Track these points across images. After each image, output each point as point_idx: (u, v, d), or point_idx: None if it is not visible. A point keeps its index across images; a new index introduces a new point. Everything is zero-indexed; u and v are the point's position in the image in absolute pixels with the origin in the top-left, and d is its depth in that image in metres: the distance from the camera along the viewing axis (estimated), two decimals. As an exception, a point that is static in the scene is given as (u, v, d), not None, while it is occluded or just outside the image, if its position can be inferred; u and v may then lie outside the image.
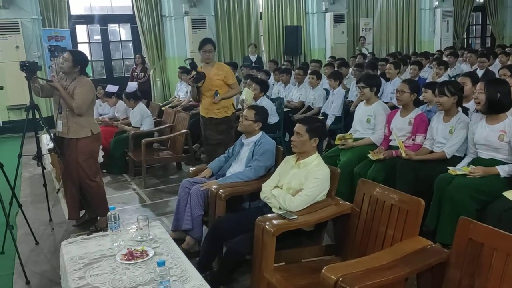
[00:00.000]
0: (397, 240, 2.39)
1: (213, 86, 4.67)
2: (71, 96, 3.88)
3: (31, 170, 6.23)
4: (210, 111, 4.74)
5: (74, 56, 3.95)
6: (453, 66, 7.92)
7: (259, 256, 2.67)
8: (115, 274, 2.25)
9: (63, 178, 4.29)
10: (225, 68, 4.84)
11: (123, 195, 5.25)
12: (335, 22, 12.17)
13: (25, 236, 4.02)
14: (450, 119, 3.64)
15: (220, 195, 3.28)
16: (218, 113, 4.74)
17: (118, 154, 6.04)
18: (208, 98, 4.72)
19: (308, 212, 2.82)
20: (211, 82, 4.66)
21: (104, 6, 10.71)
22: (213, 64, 4.76)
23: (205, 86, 4.68)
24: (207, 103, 4.74)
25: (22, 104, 8.10)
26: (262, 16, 11.92)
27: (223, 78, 4.70)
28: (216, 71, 4.70)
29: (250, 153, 3.62)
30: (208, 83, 4.66)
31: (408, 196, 2.45)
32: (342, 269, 2.08)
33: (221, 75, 4.70)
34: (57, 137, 4.04)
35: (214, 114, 4.72)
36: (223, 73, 4.71)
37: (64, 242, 2.68)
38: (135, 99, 6.26)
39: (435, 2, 13.52)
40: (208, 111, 4.76)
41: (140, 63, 9.73)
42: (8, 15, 8.96)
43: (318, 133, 3.05)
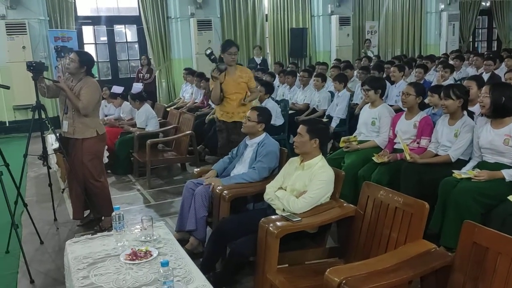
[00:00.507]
0: (401, 243, 2.39)
1: (238, 89, 4.61)
2: (77, 97, 3.90)
3: (37, 170, 6.27)
4: (235, 115, 4.60)
5: (80, 57, 3.97)
6: (459, 70, 7.91)
7: (262, 257, 2.67)
8: (119, 274, 2.25)
9: (68, 178, 4.32)
10: (248, 71, 4.80)
11: (127, 195, 5.27)
12: (341, 25, 12.16)
13: (30, 235, 4.04)
14: (455, 123, 3.63)
15: (224, 196, 3.28)
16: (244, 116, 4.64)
17: (123, 155, 6.06)
18: (233, 101, 4.59)
19: (312, 214, 2.82)
20: (236, 85, 4.59)
21: (110, 7, 10.76)
22: (235, 66, 4.69)
23: (229, 89, 4.56)
24: (231, 107, 4.61)
25: (28, 104, 8.15)
26: (268, 18, 11.94)
27: (247, 81, 4.66)
28: (239, 73, 4.64)
29: (253, 154, 3.63)
30: (234, 86, 4.58)
31: (412, 199, 2.44)
32: (345, 271, 2.08)
33: (245, 77, 4.65)
34: (63, 137, 4.06)
35: (239, 118, 4.45)
36: (246, 76, 4.67)
37: (68, 241, 2.70)
38: (141, 100, 6.29)
39: (441, 6, 13.49)
40: (233, 115, 4.62)
41: (146, 64, 9.77)
42: (15, 15, 9.02)
43: (319, 134, 3.05)
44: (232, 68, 4.62)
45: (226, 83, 4.56)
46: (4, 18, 8.91)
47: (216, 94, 4.59)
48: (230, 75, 4.56)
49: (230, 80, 4.55)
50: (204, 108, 7.64)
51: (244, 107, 4.54)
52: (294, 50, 11.96)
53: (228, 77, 4.55)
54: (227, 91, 4.57)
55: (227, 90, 4.57)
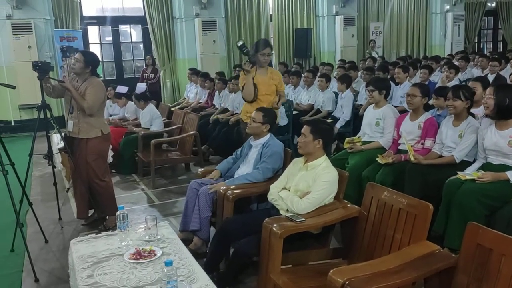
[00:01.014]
0: (404, 244, 2.38)
1: (269, 91, 4.42)
2: (82, 97, 3.92)
3: (42, 169, 6.30)
4: None
5: (85, 57, 3.99)
6: (464, 70, 7.88)
7: (266, 258, 2.67)
8: (123, 273, 2.27)
9: (73, 178, 4.34)
10: (278, 74, 4.69)
11: (131, 195, 5.28)
12: (345, 25, 12.15)
13: (35, 234, 4.07)
14: (459, 124, 3.62)
15: (228, 196, 3.29)
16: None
17: (127, 154, 6.08)
18: (262, 103, 4.32)
19: (316, 215, 2.82)
20: (267, 87, 4.41)
21: (115, 7, 10.79)
22: (267, 67, 4.50)
23: (260, 90, 4.36)
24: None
25: (34, 103, 8.19)
26: (272, 18, 11.94)
27: (277, 83, 4.51)
28: (271, 75, 4.48)
29: (258, 155, 3.63)
30: (265, 87, 4.39)
31: (416, 200, 2.44)
32: (349, 272, 2.08)
33: (276, 79, 4.51)
34: (68, 136, 4.09)
35: None
36: (277, 78, 4.54)
37: (73, 240, 2.71)
38: (145, 100, 6.31)
39: (447, 6, 13.45)
40: None
41: (151, 64, 9.81)
42: (21, 15, 9.07)
43: (323, 135, 3.05)
44: (263, 69, 4.45)
45: (257, 83, 4.38)
46: (10, 17, 8.96)
47: (250, 90, 4.34)
48: (261, 76, 4.40)
49: (261, 81, 4.37)
50: (208, 108, 7.66)
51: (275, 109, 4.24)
52: (298, 51, 11.95)
53: (259, 77, 4.38)
54: (258, 91, 4.37)
55: (258, 90, 4.37)
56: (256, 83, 4.35)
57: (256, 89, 4.33)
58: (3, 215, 4.30)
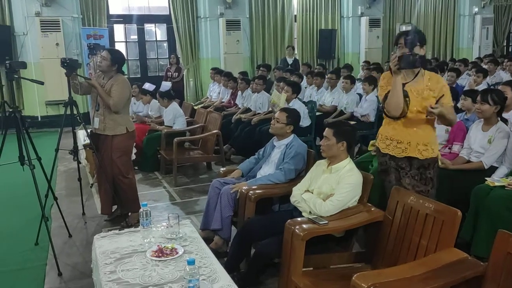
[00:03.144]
0: (431, 251, 2.33)
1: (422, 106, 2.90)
2: (108, 94, 3.96)
3: (67, 164, 6.41)
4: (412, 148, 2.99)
5: (112, 55, 4.03)
6: (492, 74, 7.69)
7: (287, 259, 2.65)
8: (145, 270, 2.27)
9: (98, 174, 4.39)
10: (440, 81, 2.97)
11: (154, 192, 5.32)
12: (371, 27, 12.01)
13: (59, 228, 4.13)
14: (489, 128, 3.52)
15: (250, 196, 3.28)
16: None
17: (150, 152, 6.13)
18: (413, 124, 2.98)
19: (339, 218, 2.78)
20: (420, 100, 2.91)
21: (141, 6, 10.91)
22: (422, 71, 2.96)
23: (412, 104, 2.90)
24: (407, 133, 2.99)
25: (60, 100, 8.36)
26: (297, 19, 11.90)
27: (438, 95, 2.91)
28: (428, 83, 2.93)
29: (281, 155, 3.61)
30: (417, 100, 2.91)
31: (444, 206, 2.38)
32: (373, 277, 2.03)
33: (437, 90, 2.91)
34: (93, 133, 4.14)
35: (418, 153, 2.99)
36: (439, 88, 2.91)
37: (96, 236, 2.74)
38: (169, 99, 6.35)
39: (475, 9, 13.17)
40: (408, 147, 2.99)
41: (175, 63, 9.89)
42: (50, 13, 9.25)
43: (346, 137, 3.00)
44: (409, 72, 2.95)
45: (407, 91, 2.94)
46: (39, 15, 9.14)
47: (398, 100, 2.87)
48: (411, 82, 2.95)
49: (413, 90, 2.92)
50: (231, 108, 7.66)
51: (428, 136, 2.96)
52: (322, 52, 11.88)
53: (410, 85, 2.94)
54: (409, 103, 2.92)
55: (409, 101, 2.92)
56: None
57: (407, 100, 2.89)
58: (29, 208, 4.39)
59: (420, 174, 2.98)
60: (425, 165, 2.98)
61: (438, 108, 2.80)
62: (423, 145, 2.95)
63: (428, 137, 2.97)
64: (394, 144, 3.01)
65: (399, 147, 2.99)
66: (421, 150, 2.95)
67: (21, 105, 9.40)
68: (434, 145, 3.01)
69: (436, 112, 2.79)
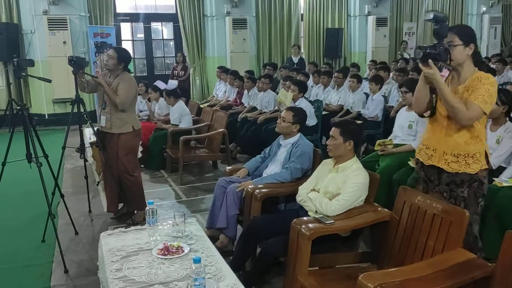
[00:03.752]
0: (438, 251, 2.31)
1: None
2: (114, 92, 3.97)
3: (73, 162, 6.43)
4: (441, 157, 2.64)
5: (118, 53, 4.04)
6: (500, 74, 7.64)
7: (293, 259, 2.64)
8: (151, 268, 2.27)
9: (104, 172, 4.40)
10: (484, 80, 2.51)
11: (159, 190, 5.33)
12: (378, 26, 11.96)
13: (65, 225, 4.15)
14: (497, 128, 3.50)
15: (256, 195, 3.27)
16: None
17: (156, 150, 6.15)
18: (440, 127, 2.65)
19: (345, 217, 2.77)
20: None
21: (148, 4, 10.94)
22: (465, 64, 2.58)
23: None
24: (442, 139, 2.63)
25: (67, 98, 8.41)
26: (303, 18, 11.87)
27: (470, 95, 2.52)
28: (469, 83, 2.55)
29: (287, 154, 3.60)
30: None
31: (451, 206, 2.37)
32: (379, 277, 2.02)
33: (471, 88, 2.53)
34: (100, 131, 4.15)
35: (446, 164, 2.62)
36: (474, 86, 2.52)
37: (103, 233, 2.74)
38: (175, 97, 6.36)
39: (483, 8, 13.08)
40: (435, 154, 2.67)
41: (181, 61, 9.90)
42: (57, 11, 9.29)
43: (353, 136, 2.99)
44: (460, 72, 2.59)
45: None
46: (47, 13, 9.18)
47: (417, 95, 2.68)
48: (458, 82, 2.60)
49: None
50: (237, 106, 7.66)
51: (463, 146, 2.54)
52: (329, 50, 11.84)
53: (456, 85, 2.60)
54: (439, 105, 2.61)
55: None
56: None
57: (433, 97, 2.62)
58: (36, 206, 4.41)
59: (450, 191, 2.58)
60: (457, 181, 2.55)
61: (432, 70, 2.40)
62: (452, 155, 2.54)
63: (463, 148, 2.52)
64: (424, 149, 2.72)
65: (427, 152, 2.69)
66: (449, 161, 2.56)
67: (29, 103, 9.45)
68: (471, 159, 2.51)
69: (425, 71, 2.42)
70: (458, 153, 2.53)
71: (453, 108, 2.45)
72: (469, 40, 2.51)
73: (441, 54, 2.44)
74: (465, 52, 2.51)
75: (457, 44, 2.48)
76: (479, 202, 2.58)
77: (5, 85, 9.42)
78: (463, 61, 2.53)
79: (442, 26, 2.49)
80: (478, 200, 2.57)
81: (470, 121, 2.47)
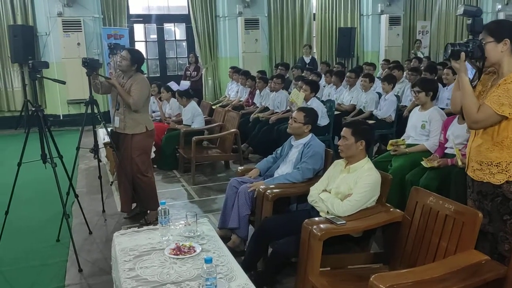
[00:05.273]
0: (450, 252, 2.29)
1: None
2: (127, 93, 4.01)
3: (87, 162, 6.51)
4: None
5: (132, 55, 4.08)
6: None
7: (304, 259, 2.64)
8: (163, 268, 2.29)
9: (117, 172, 4.45)
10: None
11: (172, 190, 5.37)
12: (391, 25, 11.87)
13: (79, 225, 4.20)
14: None
15: (267, 195, 3.28)
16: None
17: (169, 151, 6.19)
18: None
19: (357, 218, 2.76)
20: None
21: (161, 6, 11.01)
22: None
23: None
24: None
25: (82, 99, 8.51)
26: (316, 17, 11.84)
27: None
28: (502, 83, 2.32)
29: (298, 155, 3.60)
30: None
31: (464, 207, 2.35)
32: (391, 278, 2.01)
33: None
34: (114, 132, 4.19)
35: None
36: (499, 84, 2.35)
37: (116, 233, 2.77)
38: (187, 97, 6.40)
39: (498, 6, 12.91)
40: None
41: (194, 62, 9.94)
42: (72, 13, 9.41)
43: (364, 136, 2.98)
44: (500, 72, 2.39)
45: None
46: (61, 15, 9.31)
47: (452, 93, 2.56)
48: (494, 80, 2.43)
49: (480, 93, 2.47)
50: (249, 106, 7.67)
51: (491, 154, 2.36)
52: (341, 50, 11.80)
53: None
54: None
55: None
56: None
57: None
58: (51, 206, 4.48)
59: (479, 201, 2.45)
60: (483, 192, 2.41)
61: (457, 65, 2.28)
62: (477, 163, 2.41)
63: (484, 155, 2.37)
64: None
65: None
66: (474, 169, 2.43)
67: (44, 104, 9.60)
68: (496, 168, 2.33)
69: (453, 65, 2.30)
70: (481, 160, 2.39)
71: (464, 108, 2.35)
72: (502, 35, 2.29)
73: (474, 51, 2.28)
74: (499, 49, 2.30)
75: (488, 41, 2.31)
76: (506, 220, 2.33)
77: (21, 87, 9.57)
78: (498, 59, 2.32)
79: (476, 21, 2.36)
80: (504, 217, 2.33)
81: (477, 124, 2.32)
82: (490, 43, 2.31)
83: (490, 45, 2.31)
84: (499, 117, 2.26)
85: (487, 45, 2.31)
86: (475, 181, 2.45)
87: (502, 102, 2.24)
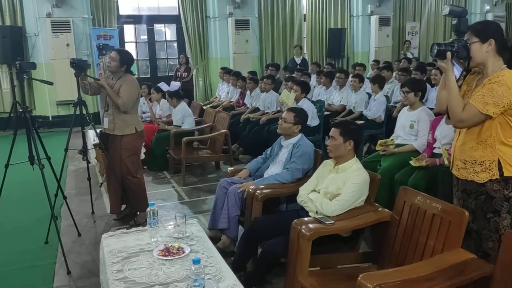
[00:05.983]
0: (438, 251, 2.31)
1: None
2: (117, 94, 3.99)
3: (76, 164, 6.47)
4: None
5: (121, 56, 4.06)
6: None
7: (294, 259, 2.65)
8: (151, 269, 2.29)
9: (107, 173, 4.43)
10: (498, 78, 2.31)
11: (162, 191, 5.35)
12: (380, 25, 11.94)
13: (68, 227, 4.17)
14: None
15: (257, 196, 3.28)
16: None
17: (159, 152, 6.17)
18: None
19: (346, 218, 2.78)
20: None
21: (151, 6, 10.97)
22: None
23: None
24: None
25: (70, 100, 8.43)
26: (306, 18, 11.87)
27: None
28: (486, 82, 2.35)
29: (288, 155, 3.61)
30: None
31: (451, 206, 2.37)
32: (379, 277, 2.03)
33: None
34: (103, 133, 4.17)
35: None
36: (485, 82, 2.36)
37: (104, 235, 2.76)
38: (178, 98, 6.38)
39: (487, 7, 13.03)
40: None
41: (184, 63, 9.91)
42: (61, 14, 9.33)
43: (353, 136, 3.00)
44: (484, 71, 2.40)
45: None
46: (50, 16, 9.22)
47: (438, 93, 2.60)
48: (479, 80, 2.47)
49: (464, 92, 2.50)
50: (239, 107, 7.67)
51: (476, 153, 2.38)
52: (331, 51, 11.84)
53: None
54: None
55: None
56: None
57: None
58: (39, 207, 4.44)
59: (463, 199, 2.48)
60: (467, 190, 2.44)
61: (444, 64, 2.30)
62: (461, 161, 2.43)
63: (468, 153, 2.39)
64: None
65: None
66: (459, 167, 2.46)
67: (33, 105, 9.49)
68: (480, 167, 2.35)
69: (439, 64, 2.32)
70: (465, 159, 2.41)
71: (449, 107, 2.37)
72: (487, 35, 2.32)
73: (459, 50, 2.31)
74: (483, 49, 2.32)
75: (473, 41, 2.33)
76: (490, 218, 2.36)
77: (10, 88, 9.47)
78: (483, 60, 2.34)
79: (461, 21, 2.40)
80: (487, 215, 2.36)
81: (462, 123, 2.35)
82: (475, 43, 2.34)
83: (475, 45, 2.34)
84: (483, 116, 2.29)
85: (472, 45, 2.34)
86: (460, 179, 2.48)
87: (487, 102, 2.26)
